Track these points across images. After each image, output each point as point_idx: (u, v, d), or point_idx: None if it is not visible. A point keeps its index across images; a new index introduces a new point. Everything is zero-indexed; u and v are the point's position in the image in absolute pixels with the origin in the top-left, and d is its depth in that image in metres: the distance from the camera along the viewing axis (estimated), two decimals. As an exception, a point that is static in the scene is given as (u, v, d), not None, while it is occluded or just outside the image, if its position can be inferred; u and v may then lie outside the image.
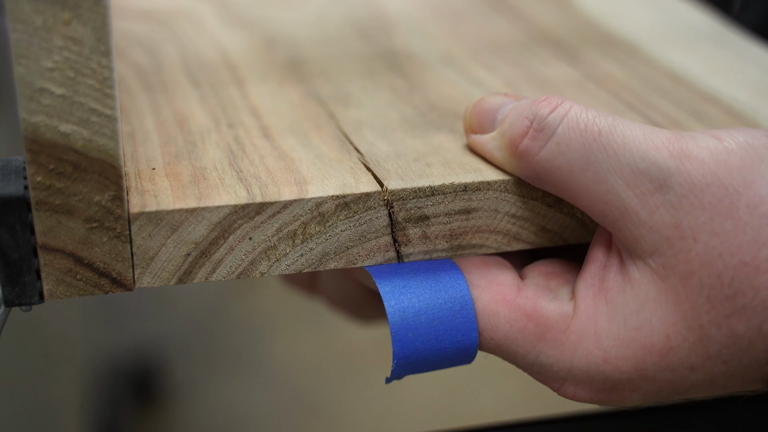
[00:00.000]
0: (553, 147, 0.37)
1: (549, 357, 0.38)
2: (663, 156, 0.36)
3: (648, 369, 0.37)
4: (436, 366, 0.39)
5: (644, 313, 0.37)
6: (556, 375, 0.39)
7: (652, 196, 0.36)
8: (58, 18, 0.33)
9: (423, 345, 0.38)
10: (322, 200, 0.38)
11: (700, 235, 0.35)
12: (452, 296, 0.39)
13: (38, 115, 0.34)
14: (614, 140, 0.37)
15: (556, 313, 0.38)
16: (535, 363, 0.39)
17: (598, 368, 0.38)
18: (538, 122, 0.38)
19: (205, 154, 0.41)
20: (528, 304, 0.39)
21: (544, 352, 0.38)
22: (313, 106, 0.46)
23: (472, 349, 0.39)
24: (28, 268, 0.36)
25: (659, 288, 0.36)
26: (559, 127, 0.37)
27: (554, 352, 0.38)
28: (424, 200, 0.39)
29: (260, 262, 0.38)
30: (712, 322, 0.36)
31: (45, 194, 0.35)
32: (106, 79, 0.34)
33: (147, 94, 0.47)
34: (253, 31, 0.55)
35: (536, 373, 0.39)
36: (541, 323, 0.38)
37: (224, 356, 1.53)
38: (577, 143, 0.37)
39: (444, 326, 0.39)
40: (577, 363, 0.38)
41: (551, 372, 0.39)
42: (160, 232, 0.37)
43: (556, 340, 0.38)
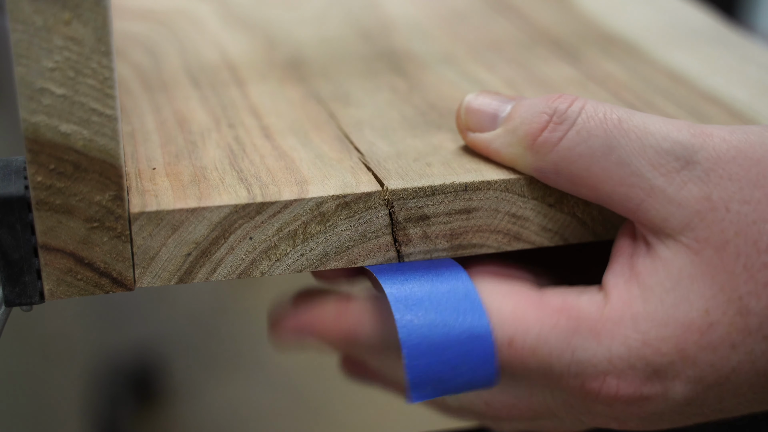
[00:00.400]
0: (573, 135, 0.37)
1: (586, 350, 0.37)
2: (685, 136, 0.37)
3: (689, 348, 0.36)
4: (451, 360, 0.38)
5: (680, 289, 0.36)
6: (595, 370, 0.37)
7: (679, 174, 0.36)
8: (58, 18, 0.33)
9: (430, 330, 0.37)
10: (323, 200, 0.38)
11: (731, 205, 0.36)
12: (454, 286, 0.38)
13: (39, 115, 0.34)
14: (635, 125, 0.37)
15: (587, 304, 0.37)
16: (572, 362, 0.37)
17: (639, 353, 0.37)
18: (558, 116, 0.38)
19: (206, 153, 0.41)
20: (555, 300, 0.38)
21: (580, 345, 0.37)
22: (313, 106, 0.46)
23: (486, 337, 0.37)
24: (28, 268, 0.36)
25: (694, 262, 0.36)
26: (578, 117, 0.38)
27: (591, 344, 0.37)
28: (424, 200, 0.39)
29: (261, 262, 0.38)
30: (751, 293, 0.35)
31: (45, 194, 0.35)
32: (106, 79, 0.34)
33: (147, 94, 0.47)
34: (254, 31, 0.55)
35: (574, 375, 0.38)
36: (572, 315, 0.37)
37: (224, 356, 1.53)
38: (599, 130, 0.37)
39: (449, 312, 0.38)
40: (616, 350, 0.37)
41: (590, 367, 0.37)
42: (161, 231, 0.37)
43: (591, 331, 0.37)
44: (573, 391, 0.38)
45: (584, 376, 0.37)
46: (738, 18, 1.53)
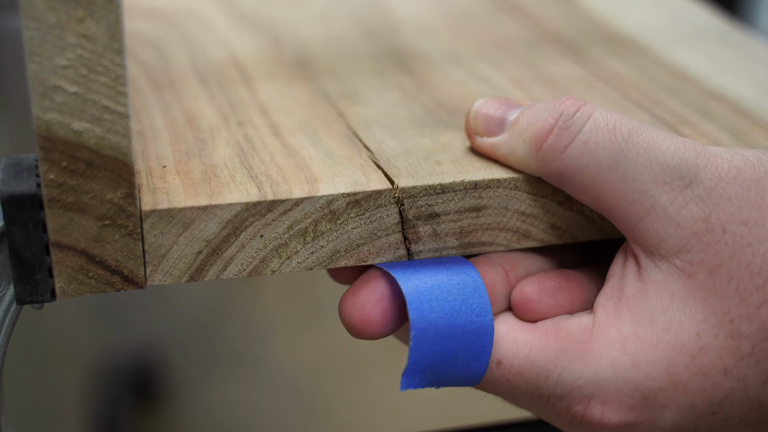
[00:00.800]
0: (579, 145, 0.37)
1: (572, 372, 0.37)
2: (691, 154, 0.36)
3: (680, 373, 0.36)
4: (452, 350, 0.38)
5: (671, 312, 0.36)
6: (580, 392, 0.37)
7: (682, 192, 0.36)
8: (71, 15, 0.33)
9: (439, 318, 0.37)
10: (333, 198, 0.38)
11: (728, 226, 0.35)
12: (464, 280, 0.38)
13: (51, 113, 0.34)
14: (644, 140, 0.37)
15: (576, 327, 0.37)
16: (558, 383, 0.37)
17: (626, 376, 0.36)
18: (563, 120, 0.37)
19: (216, 151, 0.41)
20: (546, 324, 0.38)
21: (567, 367, 0.37)
22: (321, 104, 0.46)
23: (488, 334, 0.38)
24: (40, 266, 0.36)
25: (686, 285, 0.36)
26: (585, 126, 0.37)
27: (577, 366, 0.37)
28: (434, 198, 0.39)
29: (271, 260, 0.38)
30: (743, 316, 0.35)
31: (57, 192, 0.35)
32: (118, 76, 0.34)
33: (156, 92, 0.47)
34: (261, 29, 0.55)
35: (560, 398, 0.37)
36: (561, 337, 0.37)
37: (224, 356, 1.53)
38: (606, 142, 0.37)
39: (458, 303, 0.38)
40: (603, 372, 0.36)
41: (575, 390, 0.37)
42: (172, 229, 0.37)
43: (578, 352, 0.37)
44: (559, 413, 0.38)
45: (569, 399, 0.37)
46: (740, 17, 1.54)
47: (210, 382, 1.47)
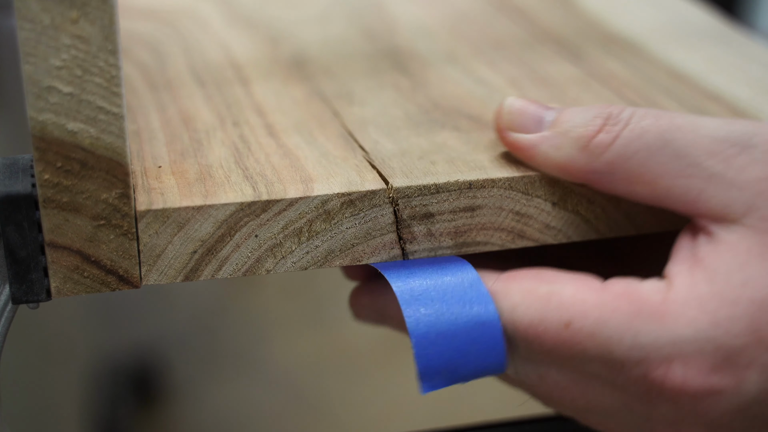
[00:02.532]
0: (627, 133, 0.38)
1: (649, 333, 0.35)
2: (737, 126, 0.37)
3: (763, 329, 0.35)
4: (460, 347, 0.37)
5: (749, 268, 0.35)
6: (659, 354, 0.35)
7: (737, 158, 0.37)
8: (65, 16, 0.33)
9: (437, 319, 0.37)
10: (328, 198, 0.38)
11: None
12: (458, 276, 0.38)
13: (46, 113, 0.34)
14: (687, 121, 0.38)
15: (648, 289, 0.36)
16: (634, 346, 0.36)
17: (707, 334, 0.35)
18: (612, 119, 0.38)
19: (211, 152, 0.41)
20: (616, 286, 0.37)
21: (642, 329, 0.36)
22: (317, 105, 0.46)
23: (493, 323, 0.37)
24: (35, 266, 0.37)
25: (761, 242, 0.35)
26: (632, 119, 0.38)
27: (654, 327, 0.35)
28: (429, 198, 0.39)
29: (266, 260, 0.39)
30: None
31: (52, 192, 0.35)
32: (113, 77, 0.34)
33: (152, 92, 0.47)
34: (257, 30, 0.55)
35: (636, 362, 0.36)
36: (633, 299, 0.36)
37: (224, 356, 1.53)
38: (653, 127, 0.38)
39: (455, 300, 0.38)
40: (682, 332, 0.35)
41: (653, 352, 0.35)
42: (167, 229, 0.37)
43: (654, 314, 0.36)
44: (636, 382, 0.36)
45: (647, 363, 0.36)
46: (738, 17, 1.54)
47: (210, 382, 1.47)
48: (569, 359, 0.37)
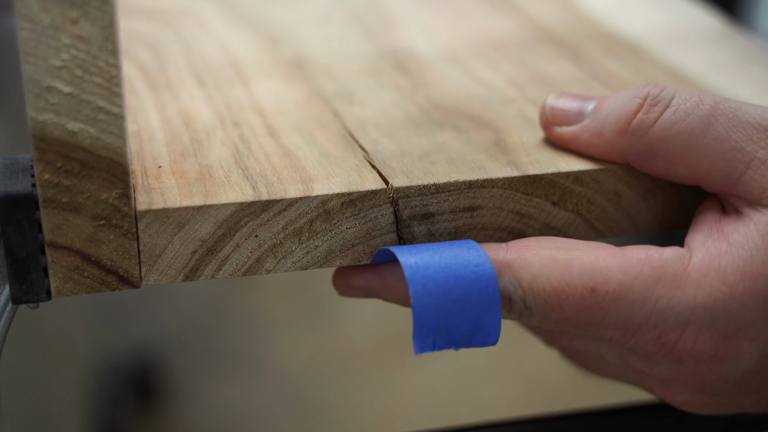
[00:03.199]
0: (670, 115, 0.38)
1: (670, 299, 0.37)
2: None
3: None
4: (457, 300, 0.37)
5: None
6: (676, 319, 0.37)
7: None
8: (65, 16, 0.33)
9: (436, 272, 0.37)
10: (328, 198, 0.38)
11: None
12: (458, 243, 0.38)
13: (46, 113, 0.34)
14: (730, 106, 0.38)
15: (671, 256, 0.37)
16: (654, 310, 0.37)
17: (724, 305, 0.36)
18: (651, 98, 0.39)
19: (211, 152, 0.41)
20: (638, 252, 0.38)
21: (663, 294, 0.37)
22: (317, 105, 0.46)
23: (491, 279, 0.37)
24: (35, 266, 0.37)
25: None
26: (673, 99, 0.39)
27: (675, 293, 0.37)
28: (429, 198, 0.39)
29: (266, 260, 0.39)
30: None
31: (52, 192, 0.35)
32: (113, 77, 0.34)
33: (152, 92, 0.47)
34: (257, 30, 0.55)
35: (652, 325, 0.37)
36: (656, 265, 0.37)
37: (224, 356, 1.53)
38: (696, 109, 0.38)
39: (454, 257, 0.37)
40: (700, 300, 0.37)
41: (672, 317, 0.37)
42: (167, 229, 0.37)
43: (675, 280, 0.37)
44: (646, 343, 0.38)
45: (663, 327, 0.37)
46: (738, 17, 1.54)
47: (210, 382, 1.47)
48: (589, 326, 0.38)
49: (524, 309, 0.38)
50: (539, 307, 0.38)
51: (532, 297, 0.38)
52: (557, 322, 0.38)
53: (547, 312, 0.38)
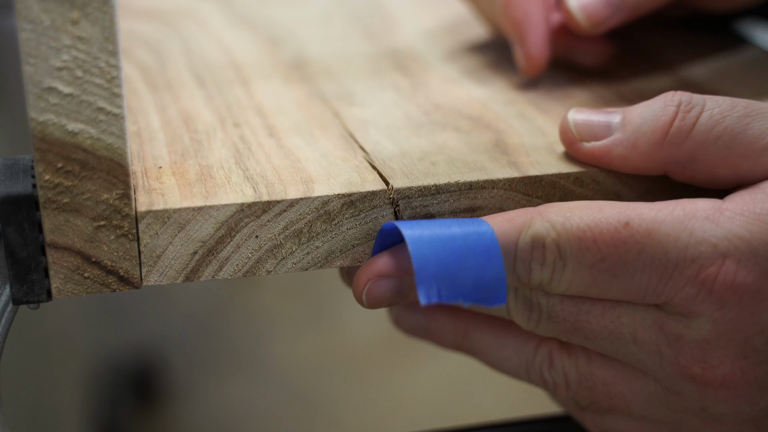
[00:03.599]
0: (707, 119, 0.38)
1: (705, 231, 0.36)
2: None
3: None
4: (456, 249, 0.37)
5: None
6: (715, 250, 0.35)
7: None
8: (66, 17, 0.33)
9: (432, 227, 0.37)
10: (328, 199, 0.38)
11: None
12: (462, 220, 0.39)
13: (46, 114, 0.34)
14: (763, 106, 0.38)
15: (704, 200, 0.37)
16: (690, 243, 0.36)
17: (762, 238, 0.35)
18: (685, 104, 0.38)
19: (212, 152, 0.41)
20: (670, 200, 0.37)
21: (698, 227, 0.36)
22: (317, 105, 0.46)
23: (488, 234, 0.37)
24: (36, 266, 0.37)
25: None
26: (706, 103, 0.38)
27: (709, 226, 0.36)
28: (429, 198, 0.39)
29: (267, 261, 0.39)
30: None
31: (53, 193, 0.35)
32: (113, 78, 0.34)
33: (152, 93, 0.47)
34: (257, 30, 0.55)
35: (690, 260, 0.36)
36: (689, 206, 0.36)
37: (224, 356, 1.53)
38: (732, 111, 0.38)
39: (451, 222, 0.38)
40: (737, 231, 0.36)
41: (709, 248, 0.35)
42: (167, 230, 0.37)
43: (708, 217, 0.36)
44: (686, 284, 0.36)
45: (701, 261, 0.36)
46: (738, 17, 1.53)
47: (210, 382, 1.47)
48: (624, 267, 0.36)
49: (558, 258, 0.37)
50: (573, 248, 0.36)
51: (566, 237, 0.36)
52: (592, 268, 0.37)
53: (581, 253, 0.36)
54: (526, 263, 0.37)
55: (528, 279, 0.37)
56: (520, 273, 0.37)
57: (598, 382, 0.40)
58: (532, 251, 0.37)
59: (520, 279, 0.38)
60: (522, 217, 0.37)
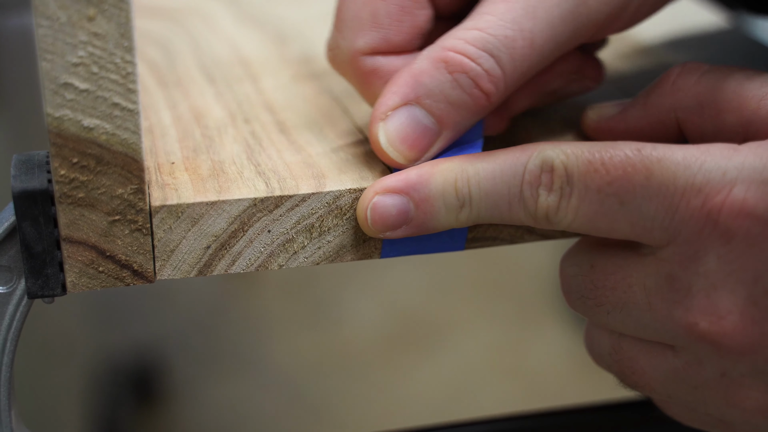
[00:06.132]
0: (713, 71, 0.39)
1: (716, 162, 0.35)
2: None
3: None
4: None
5: None
6: (723, 179, 0.35)
7: None
8: (82, 14, 0.33)
9: None
10: (340, 194, 0.39)
11: None
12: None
13: (62, 110, 0.34)
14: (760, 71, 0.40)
15: (720, 144, 0.36)
16: (699, 172, 0.35)
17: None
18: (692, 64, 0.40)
19: (223, 148, 0.42)
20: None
21: (709, 159, 0.35)
22: (326, 102, 0.47)
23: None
24: (51, 261, 0.37)
25: None
26: (712, 66, 0.40)
27: (722, 159, 0.35)
28: None
29: (278, 255, 0.39)
30: None
31: (68, 187, 0.36)
32: (129, 74, 0.35)
33: (163, 90, 0.47)
34: (265, 27, 0.56)
35: (697, 190, 0.35)
36: (704, 145, 0.36)
37: (224, 356, 1.54)
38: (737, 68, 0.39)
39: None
40: (749, 162, 0.35)
41: (718, 176, 0.35)
42: (181, 225, 0.37)
43: (722, 153, 0.35)
44: (691, 216, 0.35)
45: (708, 190, 0.35)
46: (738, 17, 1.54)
47: (210, 382, 1.47)
48: (632, 191, 0.36)
49: (565, 183, 0.36)
50: (582, 170, 0.36)
51: (575, 160, 0.36)
52: (599, 191, 0.36)
53: (589, 175, 0.36)
54: (534, 187, 0.37)
55: (535, 206, 0.37)
56: (528, 200, 0.37)
57: (625, 357, 0.39)
58: (541, 174, 0.37)
59: (528, 207, 0.37)
60: (533, 145, 0.37)
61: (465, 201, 0.37)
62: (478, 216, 0.38)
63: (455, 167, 0.38)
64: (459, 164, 0.38)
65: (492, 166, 0.37)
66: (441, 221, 0.38)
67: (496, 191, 0.37)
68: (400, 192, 0.38)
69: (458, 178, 0.37)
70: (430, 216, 0.38)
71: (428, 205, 0.38)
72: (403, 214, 0.38)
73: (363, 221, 0.38)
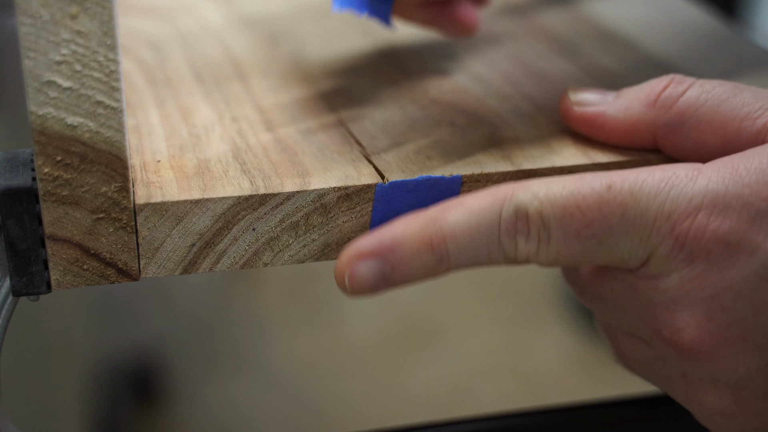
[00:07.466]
0: (697, 88, 0.40)
1: (683, 187, 0.36)
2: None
3: None
4: None
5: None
6: (689, 205, 0.36)
7: None
8: (65, 12, 0.34)
9: None
10: (324, 192, 0.39)
11: None
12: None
13: (46, 108, 0.35)
14: (751, 87, 0.40)
15: (685, 164, 0.37)
16: (667, 200, 0.36)
17: (737, 191, 0.36)
18: (678, 79, 0.41)
19: (210, 147, 0.42)
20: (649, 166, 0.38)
21: (677, 184, 0.36)
22: (315, 101, 0.47)
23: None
24: (35, 258, 0.37)
25: None
26: (698, 81, 0.41)
27: (688, 182, 0.36)
28: None
29: (263, 253, 0.39)
30: None
31: (52, 185, 0.36)
32: (112, 72, 0.35)
33: (151, 88, 0.47)
34: (256, 27, 0.56)
35: (666, 216, 0.36)
36: (670, 168, 0.37)
37: (224, 356, 1.54)
38: (721, 85, 0.40)
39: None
40: (713, 186, 0.36)
41: (684, 203, 0.36)
42: (165, 222, 0.38)
43: (688, 175, 0.37)
44: (662, 240, 0.36)
45: (676, 216, 0.36)
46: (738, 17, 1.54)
47: (210, 382, 1.47)
48: (609, 230, 0.37)
49: (542, 228, 0.37)
50: (557, 215, 0.36)
51: (549, 205, 0.36)
52: (578, 235, 0.37)
53: (566, 220, 0.37)
54: (511, 236, 0.37)
55: (514, 253, 0.37)
56: (507, 248, 0.37)
57: (612, 338, 0.41)
58: (516, 223, 0.37)
59: (507, 255, 0.37)
60: (504, 190, 0.37)
61: (443, 257, 0.37)
62: (457, 266, 0.38)
63: (428, 226, 0.37)
64: (432, 222, 0.37)
65: (466, 219, 0.37)
66: (420, 276, 0.38)
67: (473, 245, 0.37)
68: (376, 256, 0.37)
69: (433, 236, 0.37)
70: (408, 275, 0.37)
71: (405, 266, 0.37)
72: (380, 276, 0.37)
73: (342, 287, 0.38)
